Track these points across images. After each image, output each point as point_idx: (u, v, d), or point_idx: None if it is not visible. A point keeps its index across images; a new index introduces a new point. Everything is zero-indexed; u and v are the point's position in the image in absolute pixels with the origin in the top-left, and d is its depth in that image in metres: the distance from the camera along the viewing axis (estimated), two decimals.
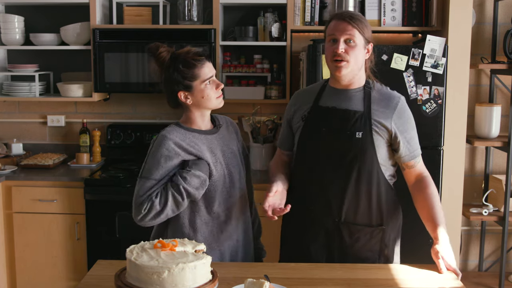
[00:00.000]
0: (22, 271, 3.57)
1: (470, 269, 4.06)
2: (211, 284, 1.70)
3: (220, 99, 2.14)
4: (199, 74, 2.08)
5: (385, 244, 2.18)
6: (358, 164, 2.10)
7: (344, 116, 2.12)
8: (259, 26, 3.74)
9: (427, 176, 2.18)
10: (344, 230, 2.15)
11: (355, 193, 2.12)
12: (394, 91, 2.21)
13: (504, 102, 3.85)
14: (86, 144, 3.95)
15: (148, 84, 3.69)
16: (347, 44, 2.08)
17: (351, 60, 2.07)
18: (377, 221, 2.16)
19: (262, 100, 3.75)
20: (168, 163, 2.06)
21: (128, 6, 3.79)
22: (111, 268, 1.94)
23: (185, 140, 2.09)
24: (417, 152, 2.17)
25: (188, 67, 2.08)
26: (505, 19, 3.78)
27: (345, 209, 2.13)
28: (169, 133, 2.10)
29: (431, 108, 3.21)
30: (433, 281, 1.93)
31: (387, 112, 2.12)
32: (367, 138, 2.09)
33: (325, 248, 2.18)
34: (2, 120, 4.09)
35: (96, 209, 3.46)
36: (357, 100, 2.14)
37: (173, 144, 2.07)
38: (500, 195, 3.66)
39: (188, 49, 2.12)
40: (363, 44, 2.11)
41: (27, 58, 3.95)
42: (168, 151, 2.06)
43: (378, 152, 2.11)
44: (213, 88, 2.11)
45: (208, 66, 2.10)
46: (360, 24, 2.09)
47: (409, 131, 2.15)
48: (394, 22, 3.56)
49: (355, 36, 2.07)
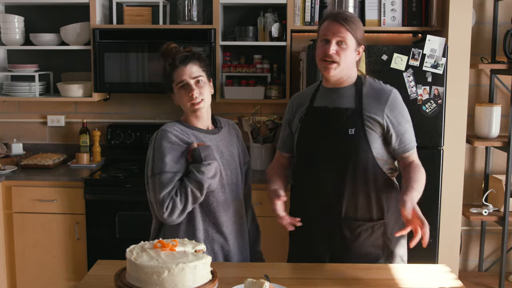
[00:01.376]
0: (22, 271, 3.57)
1: (470, 269, 4.06)
2: (211, 284, 1.70)
3: (194, 107, 2.10)
4: (173, 77, 2.12)
5: (388, 238, 2.18)
6: (353, 161, 2.11)
7: (336, 115, 2.14)
8: (259, 26, 3.74)
9: (418, 164, 2.16)
10: (345, 226, 2.15)
11: (353, 189, 2.13)
12: (387, 85, 2.21)
13: (504, 102, 3.85)
14: (86, 144, 3.95)
15: (148, 84, 3.69)
16: (338, 45, 2.09)
17: (341, 62, 2.09)
18: (378, 215, 2.16)
19: (262, 100, 3.75)
20: (174, 153, 2.05)
21: (128, 6, 3.79)
22: (111, 268, 1.94)
23: (185, 134, 2.11)
24: (411, 145, 2.16)
25: (166, 70, 2.14)
26: (505, 19, 3.78)
27: (345, 206, 2.14)
28: (169, 127, 2.11)
29: (431, 108, 3.21)
30: (433, 281, 1.93)
31: (379, 106, 2.12)
32: (360, 134, 2.10)
33: (327, 246, 2.19)
34: (2, 120, 4.08)
35: (96, 209, 3.46)
36: (349, 97, 2.15)
37: (174, 137, 2.08)
38: (500, 195, 3.66)
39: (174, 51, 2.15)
40: (355, 47, 2.12)
41: (27, 58, 3.94)
42: (171, 143, 2.06)
43: (373, 147, 2.11)
44: (186, 94, 2.10)
45: (182, 71, 2.09)
46: (354, 27, 2.09)
47: (402, 124, 2.14)
48: (394, 22, 3.56)
49: (347, 38, 2.08)
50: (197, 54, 2.14)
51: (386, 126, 2.11)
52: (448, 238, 3.41)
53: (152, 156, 2.08)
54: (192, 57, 2.11)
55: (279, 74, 3.83)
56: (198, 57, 2.13)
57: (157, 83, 3.69)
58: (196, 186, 2.01)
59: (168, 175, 2.02)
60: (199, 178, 2.00)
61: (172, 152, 2.05)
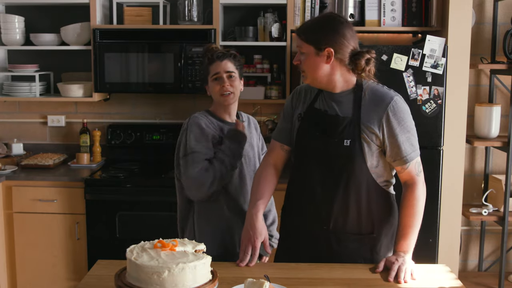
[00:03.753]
0: (22, 271, 3.57)
1: (470, 269, 4.06)
2: (211, 284, 1.70)
3: (224, 98, 2.34)
4: (209, 70, 2.36)
5: (376, 252, 2.11)
6: (347, 173, 2.03)
7: (334, 122, 2.05)
8: (259, 26, 3.74)
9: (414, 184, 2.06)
10: (332, 238, 2.09)
11: (344, 202, 2.05)
12: (389, 91, 2.08)
13: (504, 102, 3.85)
14: (86, 144, 3.96)
15: (148, 84, 3.70)
16: (302, 55, 2.05)
17: (305, 70, 2.04)
18: (367, 229, 2.09)
19: (262, 100, 3.75)
20: (204, 138, 2.28)
21: (128, 6, 3.79)
22: (111, 268, 1.94)
23: (211, 125, 2.33)
24: (409, 157, 2.02)
25: (204, 64, 2.38)
26: (504, 19, 3.78)
27: (334, 218, 2.07)
28: (199, 115, 2.36)
29: (431, 108, 3.21)
30: (433, 281, 1.93)
31: (377, 115, 2.01)
32: (356, 146, 2.01)
33: (312, 255, 2.12)
34: (3, 120, 4.09)
35: (96, 209, 3.46)
36: (347, 104, 2.05)
37: (203, 124, 2.31)
38: (500, 195, 3.66)
39: (213, 48, 2.38)
40: (314, 52, 2.01)
41: (27, 58, 3.95)
42: (200, 129, 2.29)
43: (368, 160, 2.02)
44: (218, 85, 2.33)
45: (217, 64, 2.33)
46: (308, 33, 2.02)
47: (400, 135, 2.00)
48: (394, 22, 3.56)
49: (301, 46, 2.04)
50: (233, 54, 2.39)
51: (382, 137, 2.01)
52: (448, 238, 3.42)
53: (185, 139, 2.30)
54: (229, 55, 2.36)
55: (279, 74, 3.83)
56: (234, 56, 2.38)
57: (157, 83, 3.70)
58: (231, 154, 2.27)
59: (200, 155, 2.25)
60: (234, 147, 2.29)
61: (203, 137, 2.28)
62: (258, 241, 2.06)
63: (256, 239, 2.06)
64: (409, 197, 2.05)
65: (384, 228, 2.11)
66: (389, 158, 2.05)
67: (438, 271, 2.03)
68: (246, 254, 2.05)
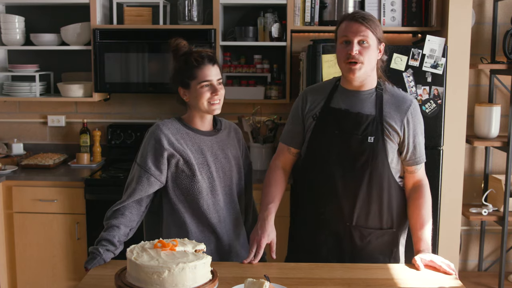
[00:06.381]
0: (22, 271, 3.57)
1: (470, 269, 4.06)
2: (211, 284, 1.71)
3: (214, 106, 2.13)
4: (196, 75, 2.11)
5: (395, 246, 2.20)
6: (370, 169, 2.10)
7: (357, 120, 2.11)
8: (259, 26, 3.74)
9: (424, 185, 2.17)
10: (355, 233, 2.15)
11: (367, 197, 2.12)
12: (406, 94, 2.20)
13: (504, 102, 3.85)
14: (86, 144, 3.96)
15: (148, 84, 3.70)
16: (360, 45, 2.05)
17: (365, 61, 2.05)
18: (388, 224, 2.17)
19: (262, 100, 3.75)
20: (157, 153, 2.11)
21: (128, 6, 3.79)
22: (111, 268, 1.94)
23: (176, 135, 2.14)
24: (421, 159, 2.17)
25: (188, 66, 2.12)
26: (504, 19, 3.78)
27: (357, 213, 2.13)
28: (163, 125, 2.16)
29: (430, 108, 3.21)
30: (433, 281, 1.93)
31: (399, 115, 2.11)
32: (379, 142, 2.09)
33: (336, 251, 2.18)
34: (3, 120, 4.09)
35: (96, 209, 3.46)
36: (370, 103, 2.12)
37: (163, 137, 2.11)
38: (500, 195, 3.66)
39: (198, 50, 2.17)
40: (376, 45, 2.08)
41: (27, 58, 3.95)
42: (157, 144, 2.11)
43: (389, 156, 2.11)
44: (208, 93, 2.11)
45: (208, 70, 2.11)
46: (373, 24, 2.06)
47: (418, 136, 2.15)
48: (394, 22, 3.56)
49: (368, 37, 2.04)
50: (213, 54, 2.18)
51: (403, 136, 2.11)
52: (447, 238, 3.42)
53: (142, 146, 2.19)
54: (215, 59, 2.16)
55: (279, 74, 3.83)
56: (216, 60, 2.18)
57: (157, 83, 3.70)
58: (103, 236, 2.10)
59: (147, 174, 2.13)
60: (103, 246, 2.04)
61: (156, 152, 2.12)
62: (264, 240, 2.07)
63: (263, 238, 2.07)
64: (426, 197, 2.14)
65: (402, 223, 2.19)
66: (405, 158, 2.14)
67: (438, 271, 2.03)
68: (251, 252, 2.06)
